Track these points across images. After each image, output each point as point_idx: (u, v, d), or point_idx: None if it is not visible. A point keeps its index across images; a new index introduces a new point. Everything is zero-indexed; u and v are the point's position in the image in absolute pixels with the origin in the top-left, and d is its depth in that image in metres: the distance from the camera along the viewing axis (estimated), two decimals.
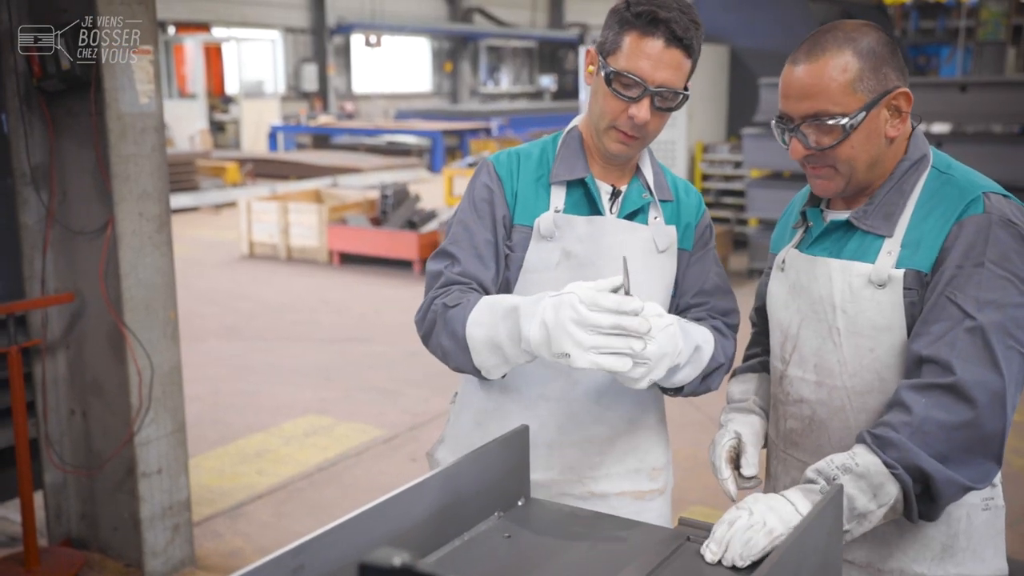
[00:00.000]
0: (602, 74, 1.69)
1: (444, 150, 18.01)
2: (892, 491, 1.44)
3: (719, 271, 1.91)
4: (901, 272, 1.55)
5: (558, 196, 1.79)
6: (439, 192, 13.22)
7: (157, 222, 3.29)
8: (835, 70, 1.53)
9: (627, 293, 1.47)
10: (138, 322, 3.27)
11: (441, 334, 1.68)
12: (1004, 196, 1.56)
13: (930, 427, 1.43)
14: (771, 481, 1.80)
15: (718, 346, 1.77)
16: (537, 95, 30.15)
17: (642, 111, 1.67)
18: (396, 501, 1.38)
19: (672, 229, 1.83)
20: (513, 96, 29.67)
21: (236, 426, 5.11)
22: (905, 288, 1.55)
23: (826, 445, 1.65)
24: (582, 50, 10.16)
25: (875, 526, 1.48)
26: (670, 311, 1.86)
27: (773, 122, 1.64)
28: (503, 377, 1.71)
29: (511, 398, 1.83)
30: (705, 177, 9.76)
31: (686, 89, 1.71)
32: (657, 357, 1.54)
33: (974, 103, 7.45)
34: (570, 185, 1.80)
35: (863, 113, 1.54)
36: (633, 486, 1.87)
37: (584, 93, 9.63)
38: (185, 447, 3.50)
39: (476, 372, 1.67)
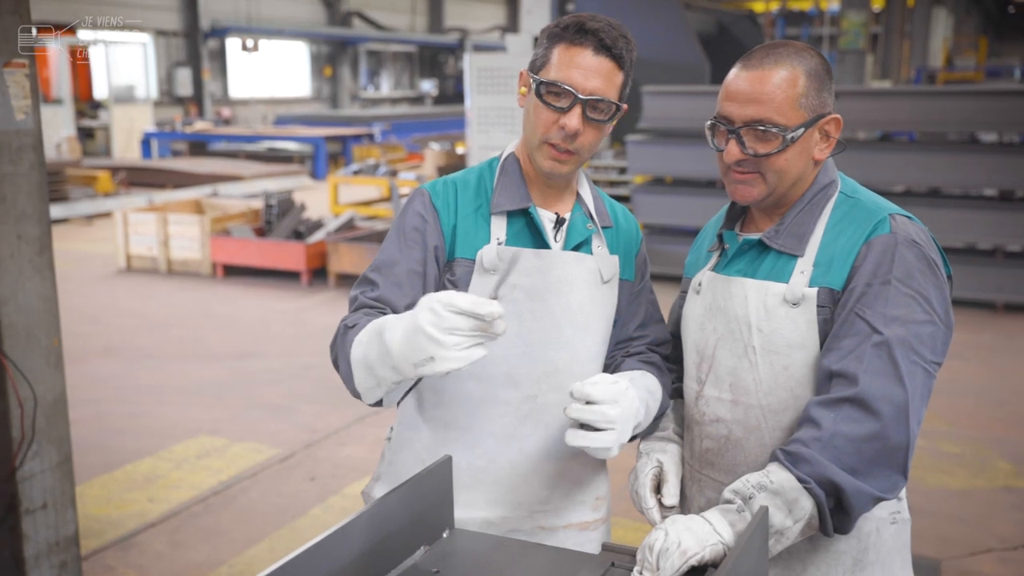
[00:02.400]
0: (533, 88, 1.68)
1: (327, 156, 17.72)
2: (806, 506, 1.48)
3: (654, 300, 1.93)
4: (814, 291, 1.60)
5: (499, 226, 1.75)
6: (324, 200, 13.01)
7: (38, 244, 3.13)
8: (785, 82, 1.59)
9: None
10: (19, 350, 3.09)
11: (340, 357, 1.64)
12: (908, 218, 1.64)
13: (839, 441, 1.49)
14: (686, 503, 1.80)
15: (663, 390, 1.79)
16: (418, 100, 30.01)
17: (573, 120, 1.65)
18: (323, 545, 1.34)
19: (615, 259, 1.83)
20: (394, 101, 29.45)
21: (123, 451, 4.89)
22: (818, 306, 1.60)
23: (742, 464, 1.68)
24: (467, 57, 10.16)
25: (792, 543, 1.53)
26: (611, 341, 1.87)
27: (708, 123, 1.66)
28: (380, 404, 1.63)
29: (454, 436, 1.78)
30: None
31: (620, 101, 1.69)
32: (624, 420, 1.57)
33: (843, 111, 7.77)
34: (511, 215, 1.76)
35: (802, 129, 1.60)
36: (578, 517, 1.85)
37: (470, 100, 9.64)
38: (72, 479, 3.33)
39: (358, 396, 1.62)
